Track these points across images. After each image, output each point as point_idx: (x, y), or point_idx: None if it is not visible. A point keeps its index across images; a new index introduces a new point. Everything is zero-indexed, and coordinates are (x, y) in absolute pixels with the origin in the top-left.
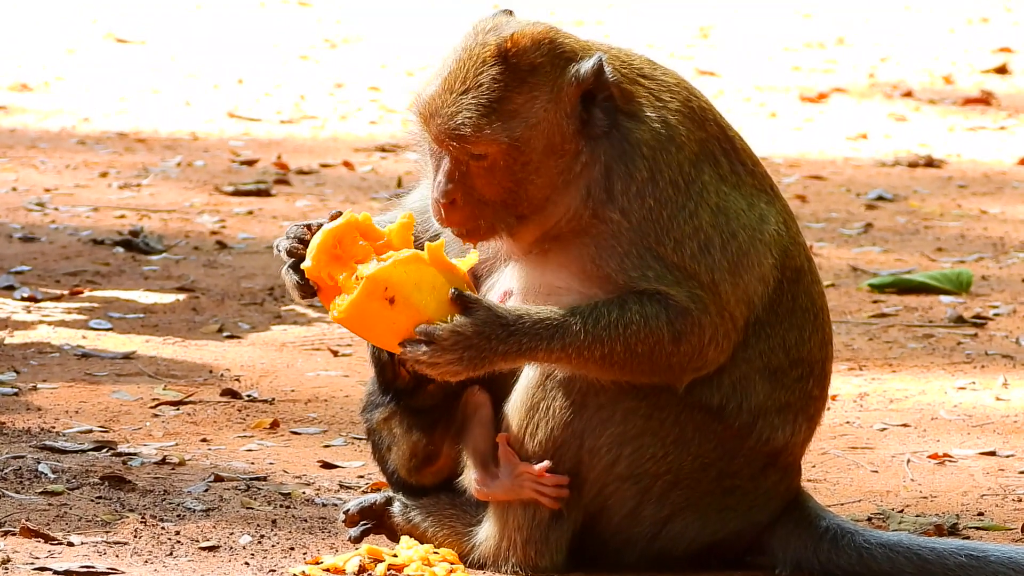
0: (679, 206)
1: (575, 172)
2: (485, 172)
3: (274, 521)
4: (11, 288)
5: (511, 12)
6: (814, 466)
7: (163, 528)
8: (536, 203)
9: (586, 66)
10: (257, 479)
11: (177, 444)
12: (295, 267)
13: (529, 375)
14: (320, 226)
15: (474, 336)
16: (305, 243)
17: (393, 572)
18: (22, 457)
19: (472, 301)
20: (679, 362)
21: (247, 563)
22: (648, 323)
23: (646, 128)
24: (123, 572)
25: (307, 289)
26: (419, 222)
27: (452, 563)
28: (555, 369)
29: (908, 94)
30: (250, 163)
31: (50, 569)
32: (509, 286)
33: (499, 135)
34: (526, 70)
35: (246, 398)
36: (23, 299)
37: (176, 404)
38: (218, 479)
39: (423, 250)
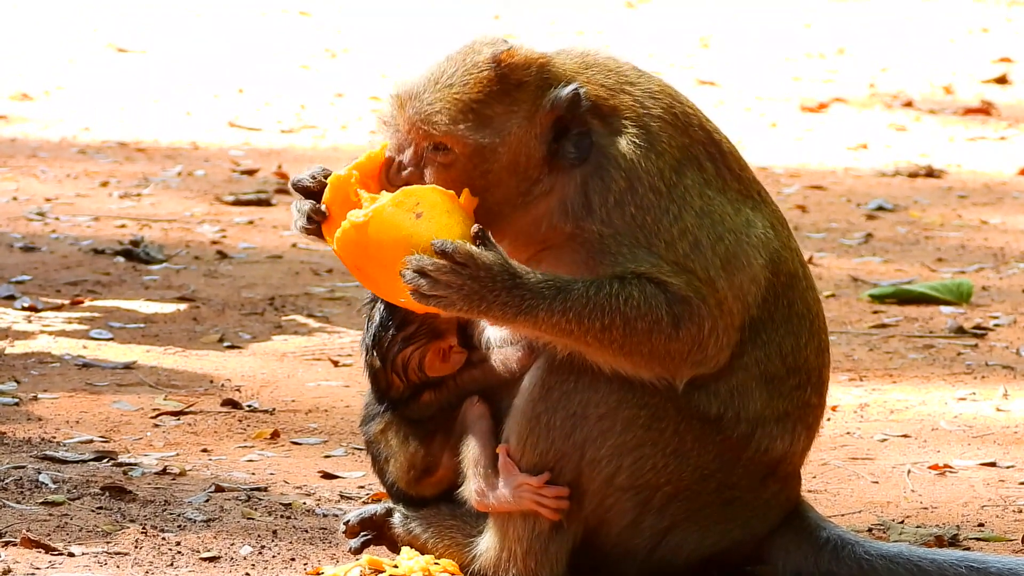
0: (662, 210)
1: (533, 196)
2: (443, 169)
3: (275, 532)
4: (12, 298)
5: None
6: (814, 477)
7: (164, 538)
8: (487, 215)
9: (563, 92)
10: (258, 489)
11: (178, 454)
12: (306, 198)
13: (529, 386)
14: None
15: (483, 269)
16: (324, 182)
17: None
18: (23, 467)
19: (492, 243)
20: (679, 350)
21: (248, 574)
22: (648, 300)
23: (624, 141)
24: None
25: (318, 213)
26: None
27: (453, 574)
28: (551, 342)
29: (908, 104)
30: (250, 173)
31: None
32: None
33: (469, 135)
34: (513, 84)
35: (247, 408)
36: (24, 309)
37: (177, 414)
38: (219, 489)
39: None
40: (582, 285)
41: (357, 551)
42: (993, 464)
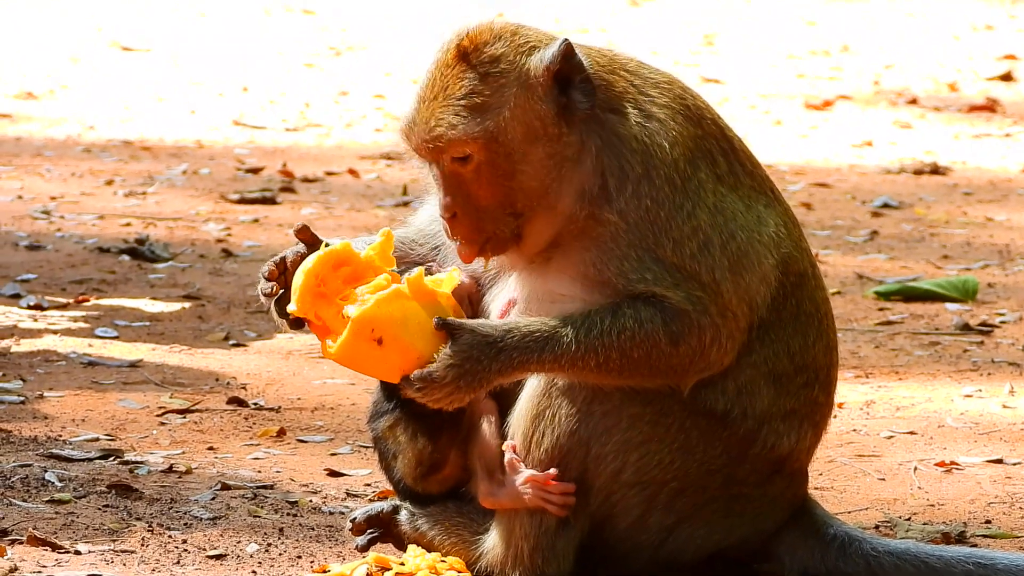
0: (676, 205)
1: (566, 156)
2: (475, 175)
3: (281, 529)
4: (17, 296)
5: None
6: (821, 474)
7: (170, 536)
8: (533, 195)
9: (552, 49)
10: (264, 487)
11: (184, 452)
12: (280, 304)
13: (534, 383)
14: (297, 255)
15: (465, 363)
16: (283, 275)
17: None
18: (29, 465)
19: (456, 327)
20: (680, 364)
21: (254, 571)
22: (643, 327)
23: (631, 121)
24: None
25: (298, 322)
26: (428, 235)
27: (459, 571)
28: (556, 377)
29: (913, 101)
30: (255, 171)
31: None
32: (512, 295)
33: (473, 131)
34: (488, 62)
35: (252, 406)
36: (29, 307)
37: (182, 412)
38: (225, 487)
39: (429, 275)
40: (571, 329)
41: (363, 549)
42: (1000, 461)
